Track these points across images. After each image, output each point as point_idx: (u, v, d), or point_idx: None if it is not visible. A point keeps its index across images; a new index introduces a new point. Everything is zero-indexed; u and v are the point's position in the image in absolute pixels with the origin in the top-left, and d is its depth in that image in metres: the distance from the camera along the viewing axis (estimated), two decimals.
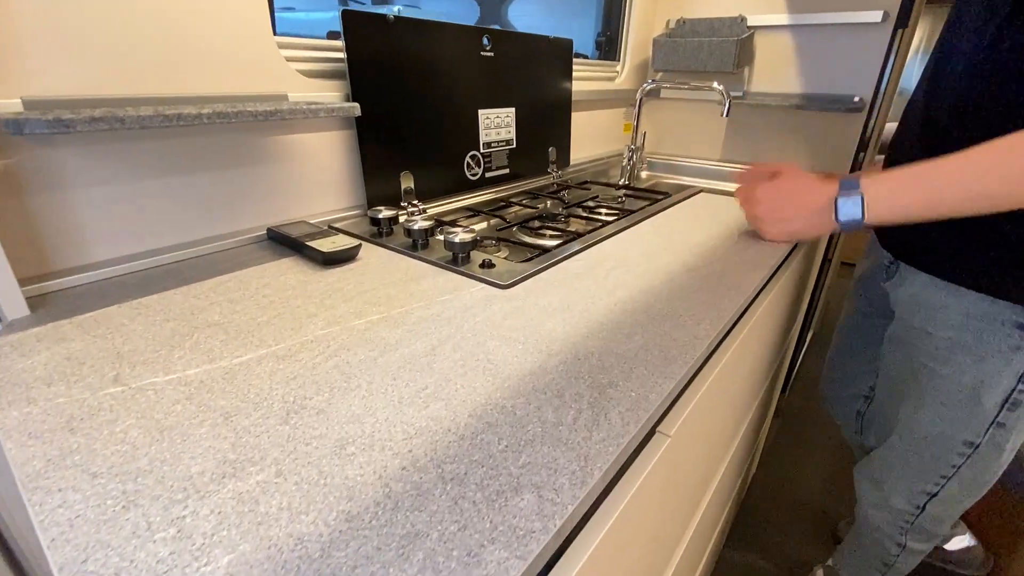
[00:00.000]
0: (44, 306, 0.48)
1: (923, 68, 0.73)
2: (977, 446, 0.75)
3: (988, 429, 0.73)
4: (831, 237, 1.38)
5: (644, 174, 1.42)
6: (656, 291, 0.56)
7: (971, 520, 1.24)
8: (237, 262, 0.60)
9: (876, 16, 1.10)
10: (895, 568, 0.94)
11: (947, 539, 1.18)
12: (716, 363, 0.50)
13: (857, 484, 0.94)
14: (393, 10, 0.76)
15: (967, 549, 1.18)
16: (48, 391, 0.35)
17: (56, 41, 0.46)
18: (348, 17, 0.69)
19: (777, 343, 0.95)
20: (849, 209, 0.65)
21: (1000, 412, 0.71)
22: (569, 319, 0.49)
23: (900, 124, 0.77)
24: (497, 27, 0.93)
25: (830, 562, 1.10)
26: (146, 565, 0.23)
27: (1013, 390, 0.69)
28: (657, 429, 0.41)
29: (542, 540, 0.25)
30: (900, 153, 0.74)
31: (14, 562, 0.56)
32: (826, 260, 1.43)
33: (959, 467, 0.78)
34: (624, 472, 0.36)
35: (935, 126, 0.67)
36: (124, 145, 0.53)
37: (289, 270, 0.58)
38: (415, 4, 1.52)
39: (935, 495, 0.82)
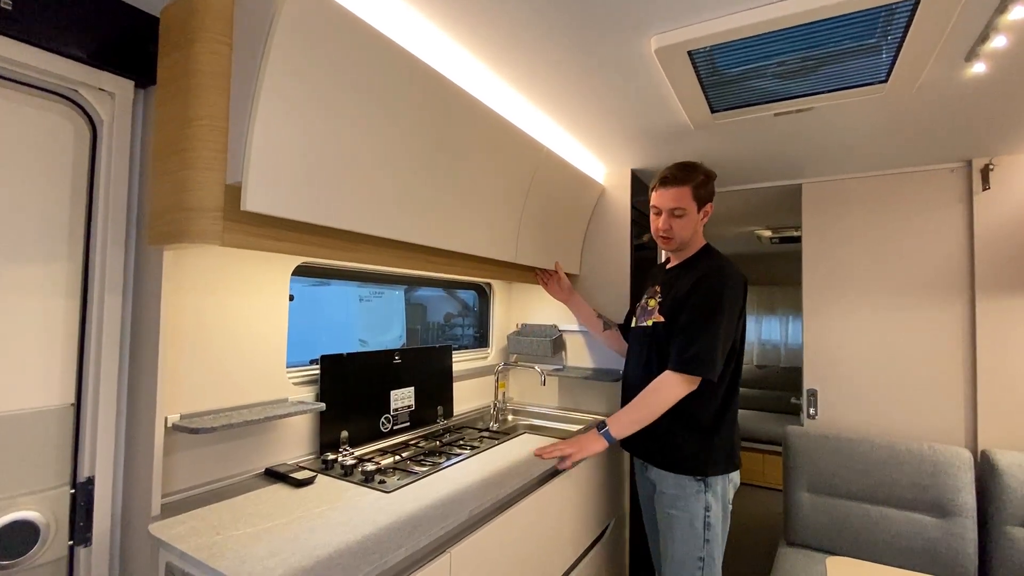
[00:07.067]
0: (166, 507, 1.02)
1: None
2: (703, 559, 1.31)
3: (704, 545, 1.31)
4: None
5: (510, 417, 2.12)
6: (468, 487, 1.18)
7: None
8: (253, 486, 1.17)
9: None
10: None
11: None
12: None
13: None
14: (314, 289, 1.50)
15: None
16: (192, 538, 0.90)
17: (191, 379, 1.13)
18: (323, 358, 1.41)
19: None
20: (607, 435, 1.35)
21: (704, 532, 1.31)
22: (417, 503, 1.09)
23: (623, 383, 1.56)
24: (406, 344, 1.70)
25: None
26: (256, 558, 0.79)
27: (705, 517, 1.31)
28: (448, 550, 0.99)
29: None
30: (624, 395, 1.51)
31: None
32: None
33: None
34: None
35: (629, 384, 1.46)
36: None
37: (280, 490, 1.16)
38: (324, 282, 1.78)
39: None
